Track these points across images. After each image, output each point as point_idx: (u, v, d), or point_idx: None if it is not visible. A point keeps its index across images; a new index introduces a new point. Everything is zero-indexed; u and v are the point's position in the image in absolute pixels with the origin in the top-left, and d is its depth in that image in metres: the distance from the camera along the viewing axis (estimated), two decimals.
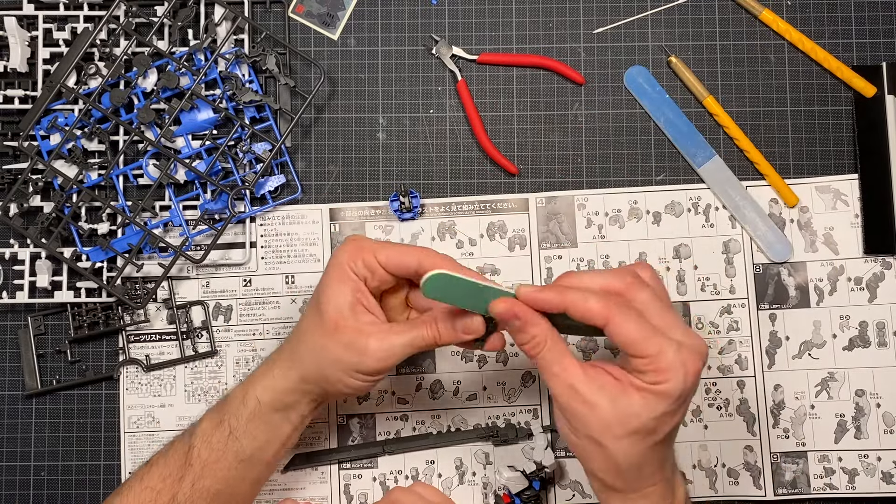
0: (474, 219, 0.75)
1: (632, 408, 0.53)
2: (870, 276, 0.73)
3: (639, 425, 0.53)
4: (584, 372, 0.55)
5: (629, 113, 0.76)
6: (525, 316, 0.55)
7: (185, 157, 0.73)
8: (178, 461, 0.62)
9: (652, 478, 0.56)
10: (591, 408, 0.54)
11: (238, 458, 0.62)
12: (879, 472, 0.72)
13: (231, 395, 0.63)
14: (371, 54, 0.77)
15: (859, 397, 0.73)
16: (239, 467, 0.62)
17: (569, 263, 0.74)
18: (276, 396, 0.62)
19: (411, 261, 0.60)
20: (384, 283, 0.62)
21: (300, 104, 0.74)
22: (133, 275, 0.73)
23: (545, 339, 0.56)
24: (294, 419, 0.63)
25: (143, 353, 0.74)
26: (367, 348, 0.59)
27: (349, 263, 0.60)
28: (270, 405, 0.62)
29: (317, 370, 0.61)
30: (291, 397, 0.62)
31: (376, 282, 0.61)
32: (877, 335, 0.73)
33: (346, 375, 0.60)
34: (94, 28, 0.74)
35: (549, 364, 0.55)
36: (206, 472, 0.61)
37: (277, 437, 0.63)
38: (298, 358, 0.62)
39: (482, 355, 0.74)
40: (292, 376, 0.62)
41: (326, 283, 0.61)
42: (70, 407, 0.74)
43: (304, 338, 0.62)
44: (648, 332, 0.53)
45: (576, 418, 0.55)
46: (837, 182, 0.75)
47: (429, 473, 0.73)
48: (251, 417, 0.62)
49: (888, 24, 0.76)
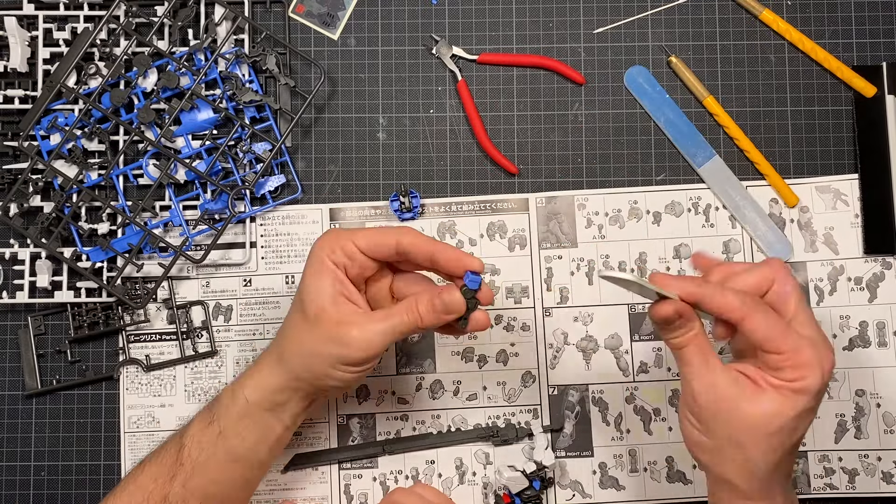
0: (474, 219, 0.75)
1: (773, 407, 0.53)
2: (870, 276, 0.73)
3: (781, 424, 0.53)
4: (727, 371, 0.54)
5: (629, 113, 0.76)
6: (687, 314, 0.55)
7: (185, 157, 0.73)
8: (169, 461, 0.62)
9: (781, 484, 0.56)
10: (735, 407, 0.53)
11: (229, 458, 0.62)
12: (880, 472, 0.72)
13: (221, 396, 0.63)
14: (371, 54, 0.77)
15: (859, 397, 0.73)
16: (230, 467, 0.62)
17: (569, 263, 0.74)
18: (266, 395, 0.62)
19: (389, 240, 0.60)
20: (366, 269, 0.61)
21: (300, 104, 0.74)
22: (133, 275, 0.73)
23: (697, 334, 0.55)
24: (285, 419, 0.63)
25: (143, 353, 0.74)
26: (349, 338, 0.59)
27: (327, 254, 0.60)
28: (260, 404, 0.62)
29: (303, 366, 0.61)
30: (281, 396, 0.62)
31: (357, 268, 0.61)
32: (877, 335, 0.73)
33: (331, 368, 0.60)
34: (94, 28, 0.74)
35: (694, 361, 0.55)
36: (196, 471, 0.61)
37: (269, 437, 0.63)
38: (285, 356, 0.61)
39: (483, 355, 0.74)
40: (281, 375, 0.61)
41: (306, 278, 0.61)
42: (70, 407, 0.74)
43: (289, 335, 0.62)
44: (784, 328, 0.53)
45: (716, 419, 0.54)
46: (837, 182, 0.75)
47: (429, 473, 0.73)
48: (241, 417, 0.62)
49: (888, 24, 0.76)
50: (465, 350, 0.74)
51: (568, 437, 0.73)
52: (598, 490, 0.72)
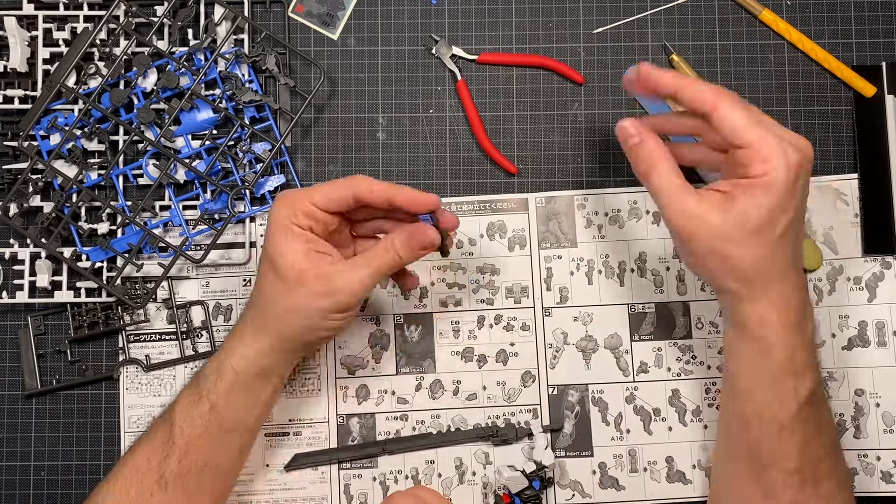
0: (474, 218, 0.75)
1: (743, 211, 0.56)
2: (869, 276, 0.73)
3: (753, 226, 0.56)
4: (695, 194, 0.57)
5: (629, 113, 0.76)
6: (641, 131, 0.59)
7: (184, 157, 0.73)
8: (161, 441, 0.63)
9: (783, 276, 0.58)
10: (706, 223, 0.57)
11: (222, 430, 0.63)
12: (879, 471, 0.72)
13: (205, 371, 0.64)
14: (371, 54, 0.77)
15: (858, 397, 0.73)
16: (225, 438, 0.63)
17: (569, 263, 0.74)
18: (253, 362, 0.63)
19: (345, 192, 0.61)
20: (330, 225, 0.63)
21: (300, 104, 0.74)
22: (133, 275, 0.73)
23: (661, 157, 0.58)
24: (274, 380, 0.65)
25: (143, 353, 0.74)
26: (336, 287, 0.60)
27: (290, 219, 0.61)
28: (248, 371, 0.63)
29: (290, 326, 0.62)
30: (268, 360, 0.63)
31: (321, 227, 0.62)
32: (876, 335, 0.73)
33: (322, 320, 0.62)
34: (94, 28, 0.74)
35: (663, 186, 0.58)
36: (191, 447, 0.62)
37: (259, 402, 0.65)
38: (268, 322, 0.62)
39: (482, 354, 0.74)
40: (265, 338, 0.63)
41: (275, 244, 0.61)
42: (70, 406, 0.74)
43: (267, 300, 0.62)
44: (754, 121, 0.56)
45: (694, 238, 0.57)
46: (837, 182, 0.75)
47: (429, 473, 0.73)
48: (230, 389, 0.63)
49: (888, 24, 0.76)
50: (465, 350, 0.74)
51: (568, 437, 0.73)
52: (597, 490, 0.72)
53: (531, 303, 0.74)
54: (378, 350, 0.74)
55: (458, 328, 0.74)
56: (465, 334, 0.74)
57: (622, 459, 0.73)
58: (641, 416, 0.73)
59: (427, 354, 0.74)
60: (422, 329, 0.74)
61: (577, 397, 0.73)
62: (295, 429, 0.74)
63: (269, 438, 0.73)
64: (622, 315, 0.74)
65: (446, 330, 0.74)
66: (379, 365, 0.74)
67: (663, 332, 0.74)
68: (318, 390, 0.74)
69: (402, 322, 0.74)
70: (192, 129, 0.74)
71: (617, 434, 0.73)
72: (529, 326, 0.74)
